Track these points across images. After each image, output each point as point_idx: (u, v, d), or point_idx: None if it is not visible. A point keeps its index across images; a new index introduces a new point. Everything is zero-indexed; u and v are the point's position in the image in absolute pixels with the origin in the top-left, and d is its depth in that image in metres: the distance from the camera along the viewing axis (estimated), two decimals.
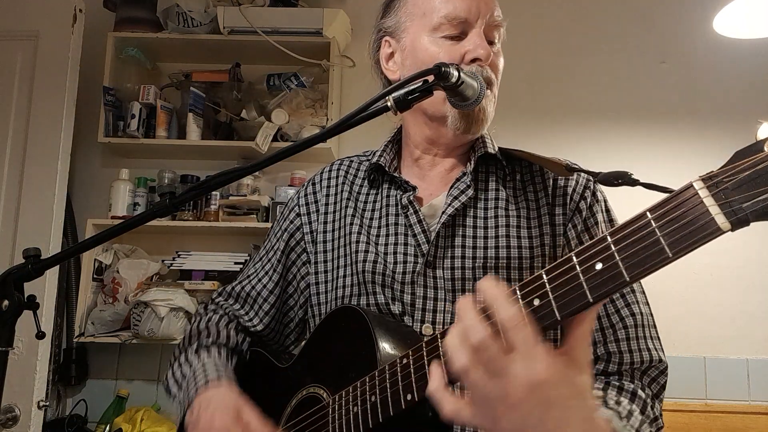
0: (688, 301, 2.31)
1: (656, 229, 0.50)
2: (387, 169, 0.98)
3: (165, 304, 2.10)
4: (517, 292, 0.58)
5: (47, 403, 1.96)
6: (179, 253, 2.30)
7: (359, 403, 0.74)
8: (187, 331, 1.04)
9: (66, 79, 2.08)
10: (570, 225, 0.91)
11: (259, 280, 1.05)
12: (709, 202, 0.48)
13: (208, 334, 1.00)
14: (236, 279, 1.10)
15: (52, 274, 1.99)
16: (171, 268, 2.30)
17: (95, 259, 2.29)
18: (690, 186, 0.49)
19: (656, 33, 2.51)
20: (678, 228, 0.49)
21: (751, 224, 0.47)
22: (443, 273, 0.88)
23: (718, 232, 0.47)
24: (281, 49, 2.26)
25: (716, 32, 2.09)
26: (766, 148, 0.46)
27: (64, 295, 2.22)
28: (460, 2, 0.90)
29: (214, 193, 2.28)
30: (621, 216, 0.92)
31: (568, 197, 0.92)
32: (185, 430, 0.87)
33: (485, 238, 0.89)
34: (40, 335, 0.80)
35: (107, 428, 2.13)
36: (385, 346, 0.76)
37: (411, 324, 0.87)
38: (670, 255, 0.50)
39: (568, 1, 2.57)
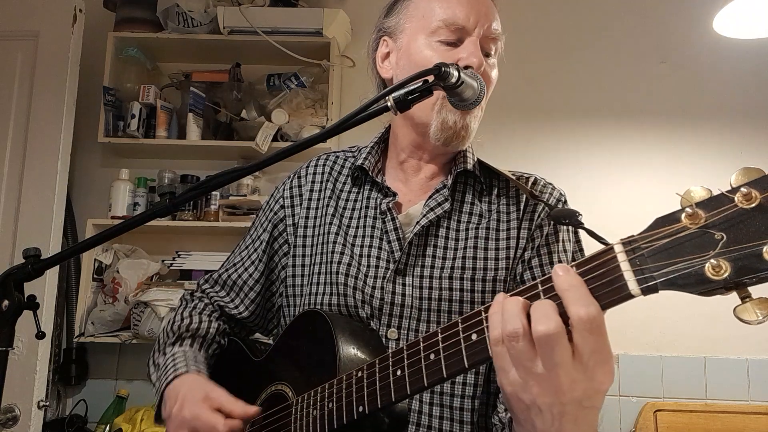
0: (688, 301, 2.30)
1: None
2: (370, 172, 1.00)
3: (165, 304, 2.10)
4: (459, 324, 0.63)
5: (47, 403, 1.96)
6: (179, 253, 2.30)
7: (318, 408, 0.78)
8: (171, 316, 1.07)
9: (66, 79, 2.08)
10: (529, 239, 0.92)
11: (246, 269, 1.07)
12: (625, 267, 0.51)
13: (190, 323, 1.03)
14: (222, 266, 1.12)
15: (52, 274, 1.99)
16: (171, 268, 2.30)
17: (95, 259, 2.29)
18: (611, 248, 0.52)
19: (656, 33, 2.51)
20: (597, 287, 0.53)
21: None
22: (412, 281, 0.90)
23: (629, 297, 0.51)
24: (281, 49, 2.26)
25: (716, 32, 2.09)
26: (682, 219, 0.49)
27: (64, 295, 2.22)
28: (460, 9, 0.91)
29: (214, 193, 2.28)
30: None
31: (536, 214, 0.94)
32: (164, 424, 0.90)
33: (455, 249, 0.92)
34: (40, 335, 0.80)
35: (107, 428, 2.13)
36: (346, 355, 0.80)
37: (377, 327, 0.90)
38: None
39: (568, 1, 2.57)
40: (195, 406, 0.83)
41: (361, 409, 0.71)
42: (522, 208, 0.94)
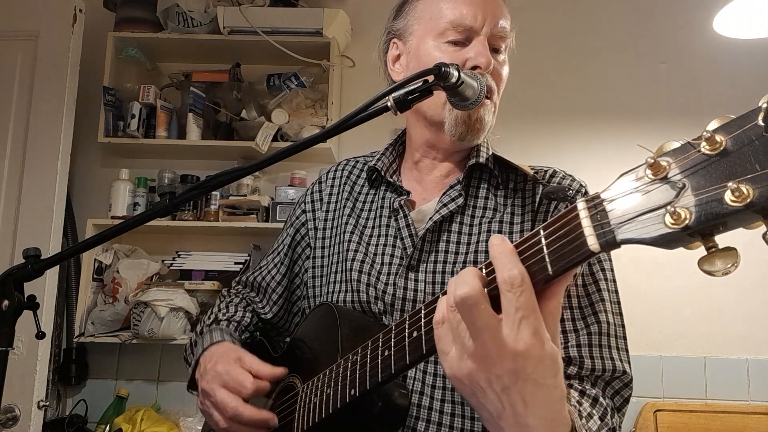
0: (688, 301, 2.31)
1: (544, 247, 0.53)
2: (383, 173, 1.01)
3: (165, 304, 2.10)
4: (440, 297, 0.60)
5: (47, 403, 1.96)
6: (179, 253, 2.30)
7: (318, 394, 0.80)
8: (210, 309, 1.14)
9: (66, 79, 2.08)
10: None
11: (269, 271, 1.12)
12: (586, 223, 0.50)
13: (226, 311, 1.10)
14: (251, 269, 1.18)
15: (52, 274, 1.99)
16: (171, 268, 2.30)
17: (95, 259, 2.29)
18: (574, 207, 0.51)
19: (656, 33, 2.51)
20: (559, 247, 0.51)
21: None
22: (424, 276, 0.91)
23: (588, 253, 0.49)
24: (281, 49, 2.26)
25: (716, 32, 2.09)
26: (645, 170, 0.47)
27: (64, 295, 2.22)
28: (467, 9, 0.91)
29: (214, 193, 2.28)
30: None
31: (552, 205, 0.93)
32: (197, 385, 0.95)
33: (467, 244, 0.92)
34: (40, 335, 0.80)
35: (107, 428, 2.13)
36: (348, 341, 0.81)
37: (390, 323, 0.90)
38: (551, 272, 0.52)
39: (568, 2, 2.57)
40: (228, 364, 0.89)
41: (353, 392, 0.72)
42: (538, 200, 0.93)
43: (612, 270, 0.91)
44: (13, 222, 2.00)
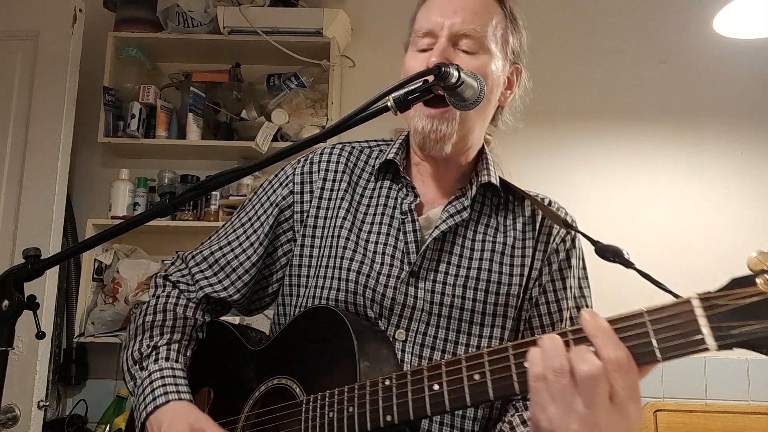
0: None
1: (651, 332, 0.58)
2: (400, 167, 0.98)
3: None
4: (510, 350, 0.65)
5: (47, 403, 1.96)
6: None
7: (336, 411, 0.77)
8: (144, 308, 1.01)
9: (66, 79, 2.08)
10: (545, 261, 0.95)
11: (243, 250, 1.01)
12: (703, 322, 0.55)
13: (164, 320, 0.97)
14: (212, 240, 1.06)
15: (52, 274, 1.99)
16: None
17: (95, 259, 2.28)
18: (688, 302, 0.56)
19: (656, 33, 2.51)
20: (671, 337, 0.57)
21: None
22: (425, 285, 0.91)
23: (705, 350, 0.55)
24: (281, 49, 2.26)
25: (716, 32, 2.09)
26: (758, 283, 0.53)
27: (64, 295, 2.22)
28: (430, 15, 0.94)
29: (214, 193, 2.28)
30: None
31: (551, 237, 0.96)
32: None
33: (470, 259, 0.93)
34: (40, 335, 0.80)
35: (107, 428, 2.13)
36: (366, 359, 0.80)
37: (386, 327, 0.90)
38: (659, 358, 0.57)
39: (568, 2, 2.57)
40: None
41: (389, 418, 0.71)
42: (538, 228, 0.96)
43: (588, 287, 0.99)
44: (13, 222, 2.00)
